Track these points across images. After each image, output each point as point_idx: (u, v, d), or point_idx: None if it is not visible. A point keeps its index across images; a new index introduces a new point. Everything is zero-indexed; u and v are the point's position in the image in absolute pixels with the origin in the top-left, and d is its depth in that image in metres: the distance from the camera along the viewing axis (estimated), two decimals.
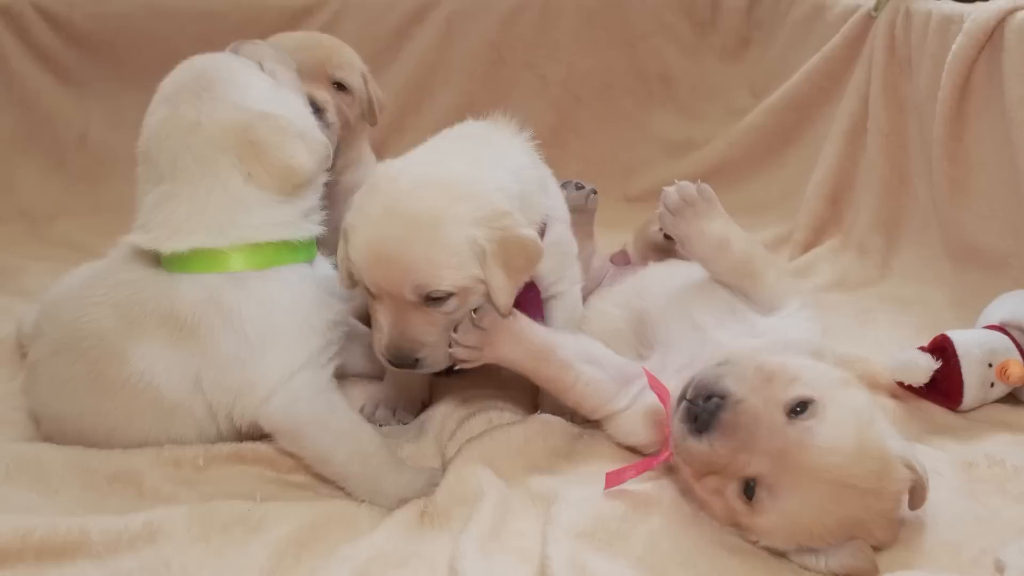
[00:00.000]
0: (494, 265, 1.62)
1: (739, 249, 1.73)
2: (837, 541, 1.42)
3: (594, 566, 1.40)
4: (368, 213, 1.63)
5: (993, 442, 1.83)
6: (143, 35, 3.25)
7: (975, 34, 2.35)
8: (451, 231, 1.59)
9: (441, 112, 3.36)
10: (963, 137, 2.43)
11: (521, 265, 1.66)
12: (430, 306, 1.62)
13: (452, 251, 1.59)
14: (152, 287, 1.65)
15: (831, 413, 1.41)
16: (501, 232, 1.62)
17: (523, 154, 1.84)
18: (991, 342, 1.95)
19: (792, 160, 3.15)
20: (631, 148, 3.53)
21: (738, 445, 1.40)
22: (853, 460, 1.38)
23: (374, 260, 1.61)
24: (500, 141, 1.84)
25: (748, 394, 1.42)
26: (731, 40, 3.57)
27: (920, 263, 2.58)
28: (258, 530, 1.53)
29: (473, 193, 1.63)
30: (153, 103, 1.73)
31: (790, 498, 1.39)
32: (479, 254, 1.61)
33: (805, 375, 1.47)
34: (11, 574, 1.41)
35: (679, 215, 1.75)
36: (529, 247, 1.65)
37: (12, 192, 3.21)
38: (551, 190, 1.91)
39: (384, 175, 1.67)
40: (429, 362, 1.68)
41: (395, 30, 3.43)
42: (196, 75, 1.72)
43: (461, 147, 1.79)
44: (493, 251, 1.61)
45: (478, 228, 1.60)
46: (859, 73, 2.84)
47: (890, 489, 1.42)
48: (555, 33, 3.52)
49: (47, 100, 3.29)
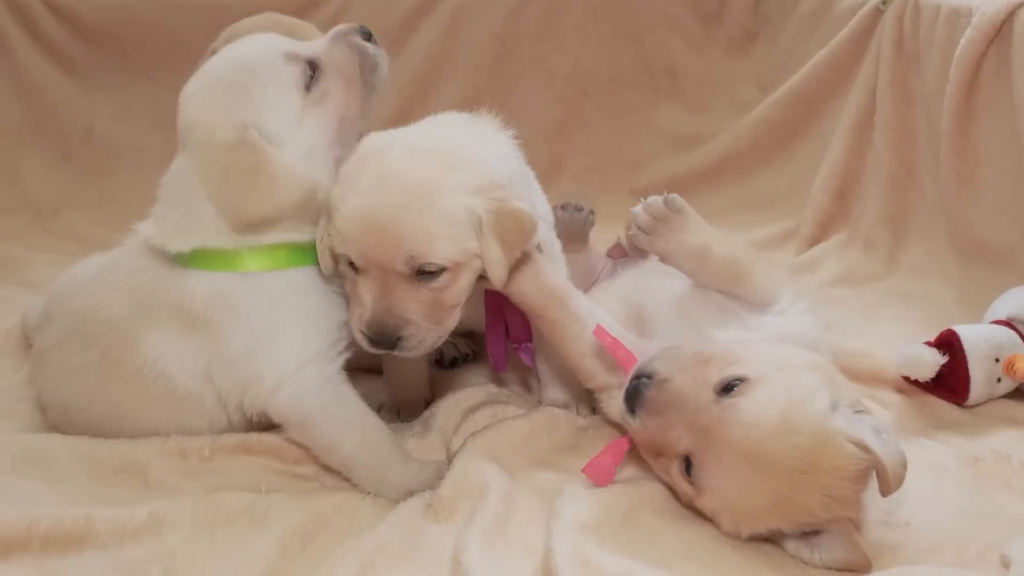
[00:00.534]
0: (490, 236, 1.57)
1: (720, 254, 1.69)
2: (784, 524, 1.43)
3: (598, 559, 1.40)
4: (358, 182, 1.57)
5: (999, 437, 1.82)
6: (149, 27, 3.25)
7: (984, 28, 2.33)
8: (449, 199, 1.54)
9: (447, 105, 3.30)
10: (971, 131, 2.42)
11: (515, 239, 1.61)
12: (420, 281, 1.57)
13: (449, 221, 1.54)
14: (165, 277, 1.66)
15: (761, 391, 1.42)
16: (497, 203, 1.58)
17: (507, 147, 1.79)
18: (998, 337, 1.94)
19: (799, 154, 3.14)
20: (637, 142, 3.52)
21: (666, 422, 1.48)
22: (774, 435, 1.38)
23: (366, 229, 1.55)
24: (484, 131, 1.79)
25: (675, 374, 1.49)
26: (738, 34, 3.56)
27: (927, 258, 2.58)
28: (263, 521, 1.53)
29: (470, 161, 1.60)
30: (196, 77, 1.70)
31: (718, 475, 1.43)
32: (475, 224, 1.56)
33: (750, 358, 1.49)
34: (17, 564, 1.42)
35: (653, 233, 1.71)
36: (524, 220, 1.61)
37: (18, 184, 3.22)
38: (535, 188, 1.88)
39: (372, 146, 1.63)
40: (411, 344, 1.61)
41: (401, 23, 3.43)
42: (238, 69, 1.68)
43: (455, 121, 1.77)
44: (490, 222, 1.56)
45: (475, 197, 1.56)
46: (867, 67, 2.83)
47: (826, 466, 1.38)
48: (561, 26, 3.51)
49: (53, 92, 3.29)
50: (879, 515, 1.55)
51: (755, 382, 1.44)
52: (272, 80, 1.67)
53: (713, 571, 1.42)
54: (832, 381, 1.48)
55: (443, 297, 1.60)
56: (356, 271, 1.61)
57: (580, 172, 3.42)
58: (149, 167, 2.06)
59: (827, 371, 1.51)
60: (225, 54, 1.74)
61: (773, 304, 1.69)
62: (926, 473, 1.69)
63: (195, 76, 1.71)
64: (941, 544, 1.49)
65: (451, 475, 1.63)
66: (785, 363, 1.49)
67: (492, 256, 1.58)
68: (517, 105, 3.47)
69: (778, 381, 1.44)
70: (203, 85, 1.68)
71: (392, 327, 1.58)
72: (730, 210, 3.08)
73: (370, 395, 1.89)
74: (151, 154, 2.29)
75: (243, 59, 1.70)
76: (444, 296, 1.60)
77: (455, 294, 1.61)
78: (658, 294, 1.82)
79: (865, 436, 1.40)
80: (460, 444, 1.72)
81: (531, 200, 1.75)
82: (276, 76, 1.68)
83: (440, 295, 1.59)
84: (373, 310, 1.58)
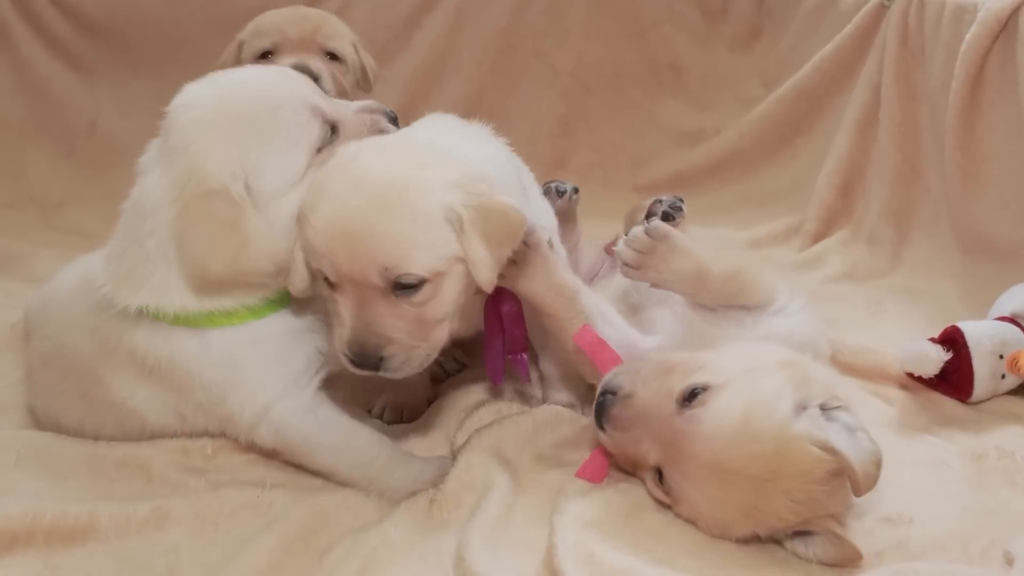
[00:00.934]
0: (473, 234, 1.44)
1: (717, 272, 1.65)
2: (759, 530, 1.43)
3: (601, 555, 1.40)
4: (328, 189, 1.45)
5: (1003, 434, 1.82)
6: (153, 22, 3.25)
7: (989, 24, 2.33)
8: (422, 199, 1.42)
9: (451, 101, 3.35)
10: (976, 127, 2.41)
11: (502, 237, 1.48)
12: (398, 295, 1.45)
13: (425, 223, 1.42)
14: (120, 321, 1.56)
15: (721, 400, 1.42)
16: (478, 198, 1.45)
17: (497, 151, 1.69)
18: (1002, 333, 1.94)
19: (803, 151, 3.13)
20: (641, 138, 3.52)
21: (633, 437, 1.49)
22: (734, 445, 1.38)
23: (336, 240, 1.42)
24: (473, 133, 1.71)
25: (639, 387, 1.49)
26: (742, 29, 3.56)
27: (931, 254, 2.57)
28: (266, 517, 1.54)
29: (445, 156, 1.49)
30: (212, 86, 1.57)
31: (687, 487, 1.44)
32: (455, 223, 1.44)
33: (714, 363, 1.48)
34: (22, 558, 1.42)
35: (642, 267, 1.65)
36: (511, 216, 1.48)
37: (22, 179, 3.22)
38: (533, 196, 1.78)
39: (343, 154, 1.51)
40: (395, 364, 1.48)
41: (405, 18, 3.42)
42: (261, 103, 1.53)
43: (434, 125, 1.69)
44: (471, 218, 1.44)
45: (452, 193, 1.44)
46: (871, 63, 2.82)
47: (789, 473, 1.37)
48: (565, 22, 3.51)
49: (57, 87, 3.29)
50: (883, 511, 1.55)
51: (717, 389, 1.43)
52: (289, 131, 1.54)
53: (716, 568, 1.42)
54: (803, 380, 1.46)
55: (427, 311, 1.48)
56: (332, 287, 1.49)
57: (584, 168, 3.42)
58: None
59: (798, 369, 1.48)
60: (252, 77, 1.61)
61: (770, 304, 1.68)
62: (930, 470, 1.70)
63: (211, 82, 1.58)
64: (945, 540, 1.49)
65: (455, 471, 1.64)
66: (752, 364, 1.48)
67: (476, 256, 1.46)
68: (521, 101, 3.48)
69: (740, 387, 1.43)
70: (216, 102, 1.53)
71: (373, 347, 1.46)
72: (734, 206, 3.08)
73: (373, 393, 1.90)
74: None
75: (269, 94, 1.55)
76: (428, 310, 1.48)
77: (440, 307, 1.49)
78: (655, 293, 1.81)
79: (832, 437, 1.39)
80: (464, 440, 1.72)
81: (527, 208, 1.60)
82: (295, 128, 1.55)
83: (423, 309, 1.47)
84: (352, 328, 1.46)
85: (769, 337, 1.61)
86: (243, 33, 2.34)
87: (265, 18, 2.31)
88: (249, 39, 2.30)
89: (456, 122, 1.76)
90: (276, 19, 2.26)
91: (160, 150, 1.55)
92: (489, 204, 1.46)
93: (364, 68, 2.37)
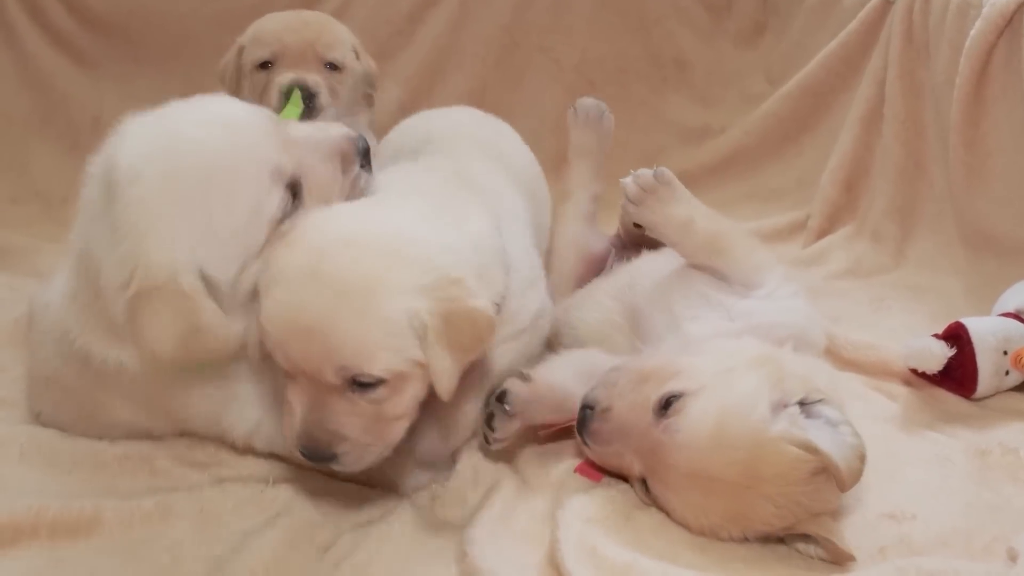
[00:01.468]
0: (437, 345, 1.35)
1: (703, 228, 1.71)
2: (747, 534, 1.43)
3: (604, 550, 1.40)
4: (285, 271, 1.35)
5: (1007, 430, 1.81)
6: (157, 17, 3.25)
7: (994, 19, 2.32)
8: (388, 303, 1.32)
9: (454, 97, 3.34)
10: (980, 123, 2.40)
11: (467, 344, 1.40)
12: (355, 392, 1.36)
13: (387, 328, 1.32)
14: (104, 365, 1.53)
15: (696, 407, 1.41)
16: (449, 304, 1.36)
17: (486, 218, 1.60)
18: (1006, 330, 1.93)
19: (808, 147, 3.12)
20: (646, 134, 3.50)
21: (614, 450, 1.50)
22: (711, 453, 1.38)
23: (291, 331, 1.33)
24: (462, 200, 1.61)
25: (615, 400, 1.49)
26: (747, 25, 3.55)
27: (935, 250, 2.56)
28: (270, 512, 1.54)
29: (418, 255, 1.37)
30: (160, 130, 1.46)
31: (670, 496, 1.45)
32: (419, 330, 1.34)
33: (689, 367, 1.47)
34: (26, 551, 1.43)
35: (642, 204, 1.73)
36: (480, 323, 1.39)
37: (26, 173, 3.21)
38: (517, 261, 1.68)
39: (308, 223, 1.40)
40: (349, 460, 1.41)
41: (407, 14, 3.41)
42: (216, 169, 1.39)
43: (410, 201, 1.53)
44: (437, 327, 1.35)
45: (420, 299, 1.34)
46: (876, 59, 2.82)
47: (769, 477, 1.37)
48: (569, 17, 3.49)
49: (61, 82, 3.28)
50: (886, 507, 1.55)
51: (692, 396, 1.43)
52: (248, 204, 1.41)
53: (719, 563, 1.42)
54: (780, 377, 1.45)
55: (385, 409, 1.40)
56: (286, 374, 1.41)
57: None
58: None
59: (774, 366, 1.47)
60: (206, 138, 1.41)
61: (758, 288, 1.68)
62: (933, 466, 1.70)
63: (161, 136, 1.42)
64: (948, 536, 1.49)
65: (458, 469, 1.64)
66: (727, 365, 1.47)
67: (440, 366, 1.37)
68: (524, 96, 3.46)
69: (714, 392, 1.42)
70: (164, 174, 1.38)
71: (325, 444, 1.38)
72: (739, 203, 3.07)
73: None
74: None
75: (224, 162, 1.40)
76: (386, 408, 1.40)
77: (399, 406, 1.41)
78: (648, 291, 1.82)
79: (812, 435, 1.37)
80: None
81: (503, 283, 1.57)
82: (254, 200, 1.41)
83: (381, 407, 1.39)
84: (303, 422, 1.38)
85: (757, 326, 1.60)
86: (243, 37, 2.33)
87: (264, 25, 2.29)
88: (249, 46, 2.29)
89: (441, 189, 1.64)
90: (275, 27, 2.24)
91: (104, 207, 1.42)
92: (458, 310, 1.37)
93: (367, 73, 2.36)
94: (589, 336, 1.92)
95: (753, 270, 1.69)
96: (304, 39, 2.20)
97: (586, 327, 1.94)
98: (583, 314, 1.97)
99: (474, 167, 1.82)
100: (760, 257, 1.73)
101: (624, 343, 1.82)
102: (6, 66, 3.23)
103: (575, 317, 1.98)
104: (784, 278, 1.71)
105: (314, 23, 2.29)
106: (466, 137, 2.00)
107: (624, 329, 1.86)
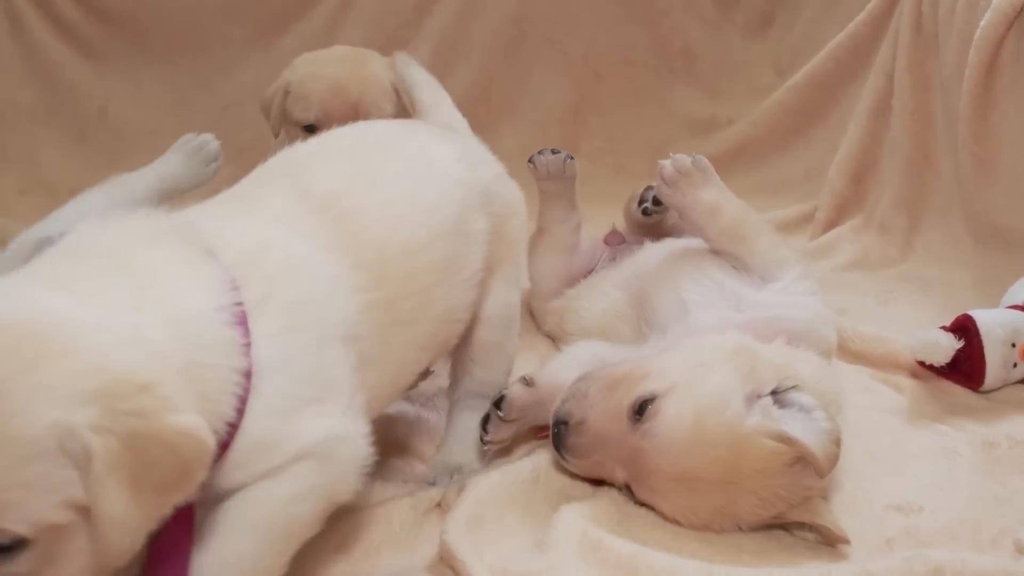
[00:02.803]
0: (108, 479, 0.92)
1: (730, 214, 1.73)
2: (738, 527, 1.43)
3: (609, 543, 1.39)
4: None
5: (1014, 423, 1.81)
6: (165, 8, 3.25)
7: (1004, 10, 2.31)
8: (22, 417, 0.90)
9: (461, 89, 3.33)
10: (989, 115, 2.39)
11: (166, 480, 0.98)
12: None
13: (25, 453, 0.90)
14: None
15: (670, 409, 1.40)
16: (131, 421, 0.94)
17: (209, 293, 1.10)
18: (1014, 322, 1.92)
19: (816, 139, 3.12)
20: (653, 125, 3.50)
21: (595, 461, 1.49)
22: (691, 454, 1.38)
23: None
24: (174, 266, 1.11)
25: (588, 411, 1.47)
26: (754, 16, 3.54)
27: (943, 243, 2.56)
28: None
29: (74, 348, 0.95)
30: None
31: (657, 500, 1.45)
32: (78, 458, 0.91)
33: (658, 367, 1.47)
34: None
35: (674, 186, 1.74)
36: (183, 448, 0.97)
37: (33, 164, 3.22)
38: (280, 362, 1.14)
39: None
40: None
41: (415, 5, 3.41)
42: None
43: (78, 268, 1.08)
44: (110, 455, 0.92)
45: (81, 411, 0.92)
46: (884, 50, 2.81)
47: (749, 472, 1.37)
48: (576, 8, 3.49)
49: (68, 73, 3.29)
50: (893, 499, 1.55)
51: (665, 396, 1.42)
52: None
53: (725, 554, 1.41)
54: (752, 367, 1.44)
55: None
56: None
57: (595, 155, 3.40)
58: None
59: (745, 356, 1.47)
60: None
61: (775, 281, 1.68)
62: (940, 458, 1.69)
63: None
64: (955, 528, 1.48)
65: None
66: (698, 359, 1.47)
67: (110, 512, 0.93)
68: (531, 88, 3.46)
69: (687, 390, 1.41)
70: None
71: None
72: (746, 195, 2.98)
73: None
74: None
75: None
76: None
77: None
78: (655, 279, 1.81)
79: (786, 425, 1.37)
80: None
81: (242, 389, 1.08)
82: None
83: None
84: None
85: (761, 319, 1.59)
86: (290, 75, 2.25)
87: (309, 85, 2.20)
88: (294, 98, 2.21)
89: (146, 247, 1.13)
90: (320, 89, 2.17)
91: None
92: (147, 431, 0.95)
93: (407, 109, 2.33)
94: (595, 325, 1.93)
95: (774, 263, 1.69)
96: (347, 103, 2.19)
97: (592, 316, 1.95)
98: (589, 303, 1.96)
99: (237, 224, 1.26)
100: (783, 252, 1.73)
101: (630, 333, 1.82)
102: (13, 57, 3.24)
103: (581, 306, 1.98)
104: (802, 276, 1.70)
105: (356, 87, 2.23)
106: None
107: (630, 319, 1.86)
